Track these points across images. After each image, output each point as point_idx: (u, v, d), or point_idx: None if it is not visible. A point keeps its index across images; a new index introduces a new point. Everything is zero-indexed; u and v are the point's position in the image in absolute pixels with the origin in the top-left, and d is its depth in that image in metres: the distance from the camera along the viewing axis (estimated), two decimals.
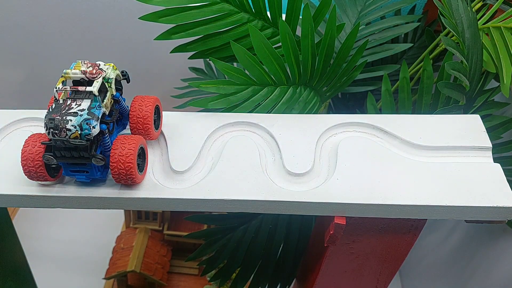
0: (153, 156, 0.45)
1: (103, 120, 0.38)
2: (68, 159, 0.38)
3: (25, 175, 0.39)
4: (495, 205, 0.40)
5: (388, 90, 0.65)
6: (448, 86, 0.53)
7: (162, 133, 0.47)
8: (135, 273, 0.96)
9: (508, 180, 0.42)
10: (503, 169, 0.43)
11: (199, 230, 0.75)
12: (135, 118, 0.42)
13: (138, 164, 0.40)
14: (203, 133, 0.47)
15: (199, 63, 0.92)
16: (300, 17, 0.56)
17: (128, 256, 0.98)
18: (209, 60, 0.75)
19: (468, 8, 0.55)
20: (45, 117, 0.36)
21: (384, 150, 0.45)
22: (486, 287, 0.69)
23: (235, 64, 0.71)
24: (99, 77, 0.38)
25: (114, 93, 0.40)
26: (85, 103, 0.37)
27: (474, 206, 0.40)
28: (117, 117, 0.42)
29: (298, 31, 0.57)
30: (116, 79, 0.40)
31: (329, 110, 0.81)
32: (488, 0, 0.64)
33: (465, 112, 0.57)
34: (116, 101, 0.41)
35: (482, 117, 0.48)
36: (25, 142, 0.39)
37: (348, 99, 0.80)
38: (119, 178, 0.39)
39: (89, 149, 0.37)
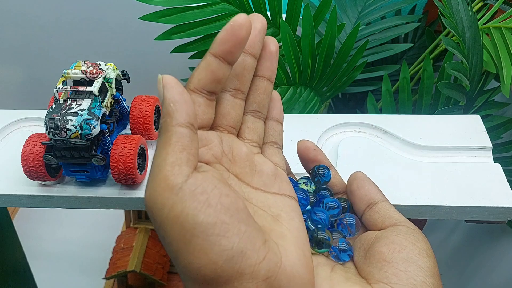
0: (153, 156, 0.45)
1: (103, 120, 0.38)
2: (68, 159, 0.38)
3: (25, 175, 0.39)
4: (495, 205, 0.40)
5: (388, 90, 0.65)
6: (449, 86, 0.53)
7: None
8: (135, 273, 0.96)
9: (508, 180, 0.42)
10: (503, 169, 0.43)
11: None
12: (135, 118, 0.42)
13: (138, 164, 0.40)
14: None
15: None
16: (301, 17, 0.56)
17: (128, 256, 0.98)
18: None
19: (469, 8, 0.55)
20: (46, 117, 0.36)
21: (384, 150, 0.45)
22: (486, 287, 0.69)
23: None
24: (100, 77, 0.38)
25: (115, 93, 0.40)
26: (86, 103, 0.37)
27: (474, 206, 0.40)
28: (118, 117, 0.42)
29: (298, 31, 0.57)
30: (116, 79, 0.40)
31: (329, 110, 0.81)
32: (488, 0, 0.64)
33: (466, 112, 0.57)
34: (116, 101, 0.41)
35: (482, 117, 0.48)
36: (25, 142, 0.39)
37: (348, 99, 0.80)
38: (119, 178, 0.39)
39: (89, 149, 0.37)
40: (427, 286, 0.26)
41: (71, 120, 0.36)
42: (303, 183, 0.34)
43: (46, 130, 0.36)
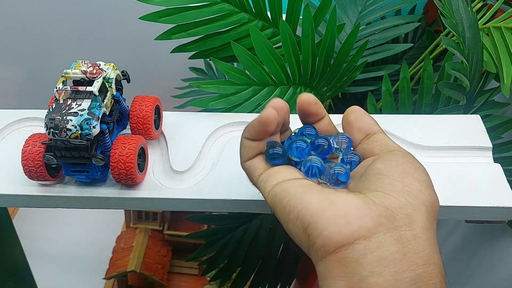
0: (153, 156, 0.45)
1: (103, 120, 0.38)
2: (68, 159, 0.38)
3: (25, 175, 0.39)
4: (495, 205, 0.40)
5: (388, 90, 0.65)
6: (449, 86, 0.53)
7: (162, 133, 0.47)
8: (135, 273, 0.97)
9: (508, 180, 0.42)
10: (503, 169, 0.43)
11: (199, 230, 0.75)
12: (135, 118, 0.42)
13: (138, 164, 0.40)
14: (204, 133, 0.46)
15: (200, 63, 0.92)
16: (301, 17, 0.56)
17: (128, 256, 0.98)
18: (210, 60, 0.75)
19: (469, 8, 0.55)
20: (46, 117, 0.36)
21: None
22: (486, 287, 0.69)
23: (235, 64, 0.71)
24: (100, 77, 0.38)
25: (115, 93, 0.40)
26: (86, 103, 0.37)
27: (474, 206, 0.40)
28: (118, 117, 0.42)
29: (299, 31, 0.57)
30: (116, 79, 0.40)
31: (329, 110, 0.81)
32: (488, 0, 0.64)
33: (466, 112, 0.57)
34: (116, 101, 0.41)
35: (482, 117, 0.48)
36: (25, 142, 0.39)
37: (348, 99, 0.80)
38: (119, 178, 0.39)
39: (89, 149, 0.37)
40: (423, 194, 0.27)
41: (71, 120, 0.36)
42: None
43: (46, 130, 0.36)
